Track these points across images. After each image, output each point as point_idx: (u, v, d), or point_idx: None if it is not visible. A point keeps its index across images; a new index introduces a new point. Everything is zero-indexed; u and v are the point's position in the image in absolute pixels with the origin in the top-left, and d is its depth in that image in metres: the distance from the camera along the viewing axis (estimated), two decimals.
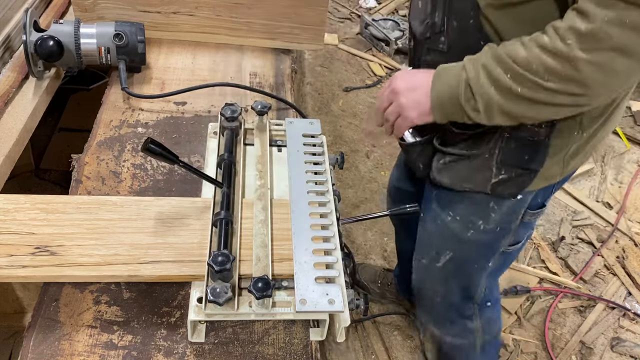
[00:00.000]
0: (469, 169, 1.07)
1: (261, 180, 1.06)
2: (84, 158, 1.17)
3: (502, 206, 1.10)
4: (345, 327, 0.87)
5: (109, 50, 1.31)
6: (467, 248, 1.19)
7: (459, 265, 1.23)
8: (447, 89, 0.92)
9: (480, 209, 1.12)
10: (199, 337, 0.89)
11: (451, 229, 1.18)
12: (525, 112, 0.87)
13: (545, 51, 0.80)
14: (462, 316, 1.37)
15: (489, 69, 0.86)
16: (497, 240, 1.18)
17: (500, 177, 1.05)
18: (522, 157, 1.02)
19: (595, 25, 0.74)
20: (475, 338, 1.43)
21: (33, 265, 0.87)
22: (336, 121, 2.86)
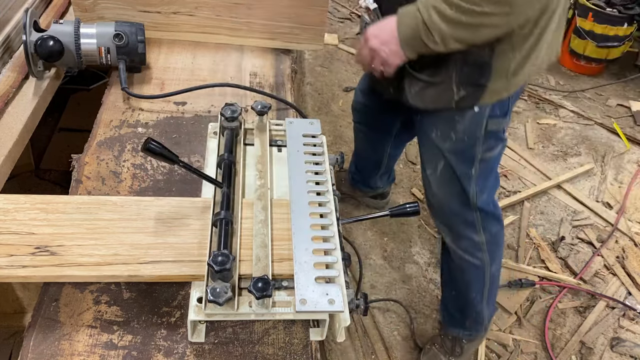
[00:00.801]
0: (436, 92, 1.34)
1: (261, 180, 1.06)
2: (84, 158, 1.17)
3: (465, 118, 1.37)
4: (345, 327, 0.87)
5: (109, 50, 1.31)
6: (449, 157, 1.45)
7: (449, 172, 1.48)
8: (410, 30, 1.18)
9: (450, 124, 1.40)
10: (199, 337, 0.89)
11: (436, 143, 1.45)
12: (470, 36, 1.14)
13: None
14: (466, 224, 1.56)
15: (437, 8, 1.11)
16: (470, 147, 1.42)
17: (460, 95, 1.32)
18: (474, 76, 1.29)
19: None
20: (483, 261, 1.63)
21: (33, 265, 0.87)
22: (336, 121, 2.86)
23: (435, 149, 1.46)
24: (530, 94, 3.27)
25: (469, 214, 1.54)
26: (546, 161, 2.83)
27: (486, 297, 1.71)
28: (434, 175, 1.52)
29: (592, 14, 3.18)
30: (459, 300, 1.76)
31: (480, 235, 1.58)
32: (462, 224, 1.57)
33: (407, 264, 2.24)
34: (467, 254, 1.62)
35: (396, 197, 2.51)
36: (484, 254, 1.61)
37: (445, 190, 1.53)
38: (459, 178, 1.47)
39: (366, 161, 2.18)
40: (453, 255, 1.66)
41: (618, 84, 3.43)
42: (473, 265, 1.63)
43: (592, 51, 3.30)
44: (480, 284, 1.68)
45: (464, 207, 1.53)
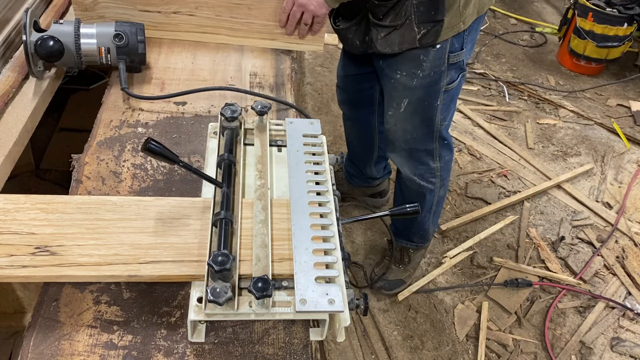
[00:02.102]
0: (400, 35, 1.48)
1: (261, 180, 1.06)
2: (84, 158, 1.17)
3: (429, 55, 1.52)
4: (345, 327, 0.87)
5: (109, 50, 1.31)
6: (417, 92, 1.61)
7: (415, 106, 1.64)
8: None
9: (415, 62, 1.54)
10: (199, 337, 0.89)
11: (402, 82, 1.60)
12: None
13: None
14: (426, 152, 1.77)
15: None
16: (436, 81, 1.58)
17: (421, 33, 1.46)
18: (430, 14, 1.43)
19: None
20: (435, 185, 1.85)
21: (33, 265, 0.87)
22: (336, 121, 2.86)
23: (402, 88, 1.61)
24: (530, 94, 3.27)
25: (429, 143, 1.74)
26: (546, 161, 2.83)
27: (432, 216, 1.98)
28: (397, 112, 1.68)
29: (592, 14, 3.18)
30: (408, 220, 2.01)
31: (436, 162, 1.80)
32: (422, 152, 1.77)
33: None
34: (423, 180, 1.83)
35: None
36: (436, 179, 1.84)
37: (411, 122, 1.69)
38: (426, 109, 1.64)
39: (359, 148, 2.26)
40: (408, 182, 1.87)
41: (618, 84, 3.43)
42: (427, 189, 1.85)
43: (592, 51, 3.30)
44: (429, 205, 1.92)
45: (427, 137, 1.72)
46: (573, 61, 3.47)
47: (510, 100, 3.21)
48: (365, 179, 2.34)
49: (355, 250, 2.26)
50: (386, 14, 1.45)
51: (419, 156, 1.78)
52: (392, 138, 1.79)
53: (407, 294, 2.11)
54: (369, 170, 2.29)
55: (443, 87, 1.60)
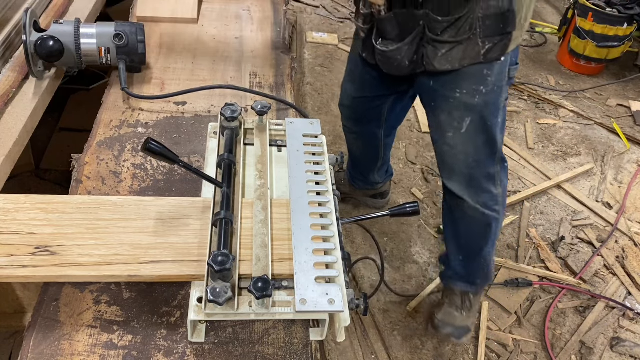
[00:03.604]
0: (462, 51, 1.38)
1: (261, 180, 1.06)
2: (84, 158, 1.17)
3: (494, 69, 1.43)
4: (345, 327, 0.87)
5: (109, 51, 1.31)
6: (480, 110, 1.48)
7: (478, 125, 1.52)
8: None
9: (479, 78, 1.43)
10: (199, 337, 0.89)
11: (463, 101, 1.47)
12: None
13: None
14: (489, 177, 1.63)
15: None
16: (497, 97, 1.49)
17: (487, 47, 1.37)
18: (498, 27, 1.35)
19: None
20: (499, 214, 1.70)
21: (33, 265, 0.87)
22: (336, 121, 2.86)
23: (463, 107, 1.49)
24: (530, 93, 3.27)
25: (492, 167, 1.62)
26: (546, 161, 2.83)
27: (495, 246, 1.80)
28: (458, 133, 1.54)
29: (592, 14, 3.18)
30: (470, 255, 1.81)
31: (498, 188, 1.66)
32: (484, 177, 1.63)
33: (407, 264, 2.24)
34: (487, 209, 1.67)
35: (396, 197, 2.51)
36: (500, 206, 1.69)
37: (474, 144, 1.57)
38: (489, 128, 1.53)
39: (363, 158, 2.20)
40: (471, 212, 1.69)
41: (618, 84, 3.43)
42: (492, 217, 1.69)
43: (592, 51, 3.30)
44: (494, 236, 1.76)
45: (489, 159, 1.60)
46: (573, 61, 3.47)
47: (510, 101, 3.21)
48: (369, 183, 2.32)
49: (355, 250, 2.26)
50: (446, 29, 1.35)
51: (480, 182, 1.64)
52: (450, 162, 1.64)
53: (419, 300, 2.10)
54: (372, 176, 2.26)
55: (502, 102, 1.52)
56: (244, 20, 1.68)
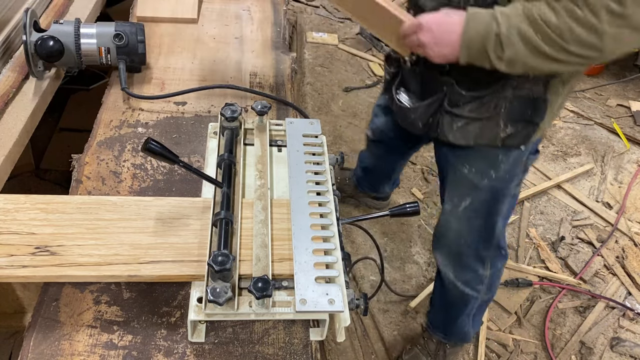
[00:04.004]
0: (480, 128, 1.24)
1: (261, 180, 1.06)
2: (84, 158, 1.17)
3: (510, 157, 1.29)
4: (345, 327, 0.87)
5: (109, 51, 1.31)
6: (484, 194, 1.37)
7: (477, 209, 1.40)
8: (478, 38, 1.03)
9: (491, 161, 1.31)
10: (199, 337, 0.89)
11: (469, 179, 1.36)
12: (542, 65, 1.03)
13: (577, 22, 0.95)
14: (478, 258, 1.51)
15: (521, 29, 1.00)
16: (507, 185, 1.36)
17: (508, 132, 1.23)
18: (526, 113, 1.20)
19: (627, 10, 0.92)
20: (480, 292, 1.58)
21: (33, 265, 0.87)
22: (336, 121, 2.86)
23: (467, 185, 1.37)
24: None
25: (484, 250, 1.49)
26: (546, 161, 2.83)
27: (471, 319, 1.70)
28: (456, 209, 1.43)
29: None
30: (447, 319, 1.74)
31: (486, 270, 1.53)
32: (473, 258, 1.51)
33: (407, 264, 2.24)
34: (467, 287, 1.56)
35: (396, 197, 2.51)
36: (483, 286, 1.57)
37: (468, 225, 1.45)
38: (490, 215, 1.41)
39: (375, 172, 2.15)
40: (449, 285, 1.59)
41: (618, 84, 3.43)
42: (469, 296, 1.58)
43: None
44: (469, 310, 1.65)
45: (483, 243, 1.47)
46: None
47: None
48: (375, 191, 2.29)
49: (355, 250, 2.26)
50: (468, 102, 1.22)
51: (468, 261, 1.52)
52: (440, 235, 1.54)
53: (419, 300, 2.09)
54: (381, 187, 2.24)
55: (512, 190, 1.39)
56: (244, 20, 1.68)
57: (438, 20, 1.07)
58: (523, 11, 1.00)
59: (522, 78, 1.14)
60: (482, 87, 1.17)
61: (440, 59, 1.09)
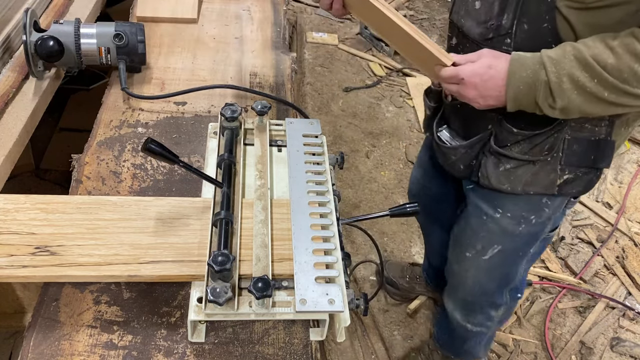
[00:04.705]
0: (532, 173, 1.08)
1: (261, 180, 1.06)
2: (84, 158, 1.17)
3: (555, 201, 1.14)
4: (345, 327, 0.87)
5: (109, 50, 1.31)
6: (517, 241, 1.23)
7: (506, 257, 1.27)
8: (525, 87, 0.92)
9: (534, 206, 1.15)
10: (199, 337, 0.89)
11: (501, 225, 1.20)
12: (602, 111, 0.92)
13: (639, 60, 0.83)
14: (492, 305, 1.40)
15: (573, 76, 0.87)
16: (544, 229, 1.23)
17: (565, 178, 1.07)
18: (588, 157, 1.05)
19: None
20: (490, 328, 1.49)
21: (33, 265, 0.87)
22: (336, 121, 2.86)
23: (497, 231, 1.22)
24: None
25: (499, 296, 1.38)
26: None
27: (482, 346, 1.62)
28: (479, 258, 1.29)
29: None
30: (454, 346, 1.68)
31: (499, 311, 1.43)
32: (488, 305, 1.40)
33: None
34: (477, 327, 1.46)
35: (396, 197, 2.51)
36: (494, 322, 1.47)
37: (488, 275, 1.32)
38: (516, 261, 1.28)
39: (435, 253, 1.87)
40: (457, 325, 1.49)
41: None
42: (478, 333, 1.49)
43: None
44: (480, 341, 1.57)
45: (500, 289, 1.36)
46: None
47: None
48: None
49: (355, 250, 2.26)
50: (519, 142, 1.06)
51: (482, 308, 1.41)
52: (454, 283, 1.42)
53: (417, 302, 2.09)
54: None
55: (545, 233, 1.25)
56: (244, 20, 1.68)
57: (481, 74, 0.94)
58: (573, 54, 0.87)
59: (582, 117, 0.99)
60: (535, 125, 1.01)
61: (487, 107, 0.98)
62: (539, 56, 0.90)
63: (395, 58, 3.36)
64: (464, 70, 0.95)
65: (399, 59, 3.36)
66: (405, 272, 2.07)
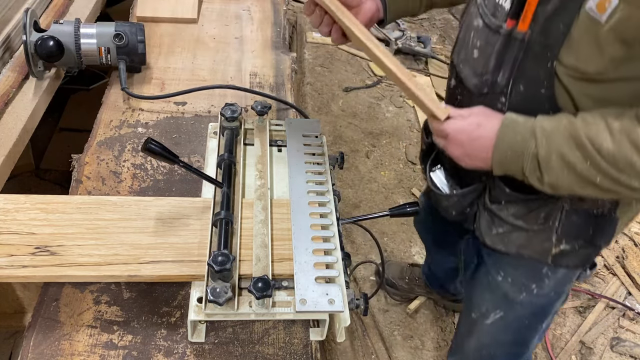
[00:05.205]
0: (526, 238, 1.01)
1: (261, 180, 1.06)
2: (84, 158, 1.17)
3: (557, 273, 1.06)
4: (345, 327, 0.87)
5: (109, 50, 1.31)
6: (519, 310, 1.15)
7: (509, 325, 1.19)
8: (513, 154, 0.83)
9: (534, 274, 1.07)
10: (199, 337, 0.89)
11: (502, 289, 1.13)
12: (596, 195, 0.82)
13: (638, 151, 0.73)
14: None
15: (564, 154, 0.78)
16: (551, 303, 1.14)
17: (561, 248, 0.99)
18: (586, 231, 0.96)
19: None
20: None
21: (33, 265, 0.87)
22: (336, 121, 2.86)
23: (500, 296, 1.15)
24: None
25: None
26: None
27: None
28: (480, 321, 1.22)
29: None
30: None
31: None
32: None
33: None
34: None
35: (396, 197, 2.51)
36: None
37: (493, 340, 1.25)
38: (523, 332, 1.20)
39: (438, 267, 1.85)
40: None
41: None
42: None
43: None
44: None
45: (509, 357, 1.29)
46: None
47: None
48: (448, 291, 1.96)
49: (355, 250, 2.26)
50: (513, 203, 0.99)
51: None
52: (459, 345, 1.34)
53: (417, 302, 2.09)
54: (452, 287, 1.91)
55: (557, 307, 1.16)
56: (244, 20, 1.68)
57: (468, 133, 0.87)
58: (569, 130, 0.78)
59: None
60: (530, 188, 0.89)
61: (473, 167, 0.91)
62: (531, 124, 0.82)
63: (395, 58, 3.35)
64: (451, 125, 0.88)
65: (399, 59, 3.35)
66: (405, 273, 2.07)
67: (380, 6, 1.05)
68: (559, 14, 0.79)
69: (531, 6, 0.82)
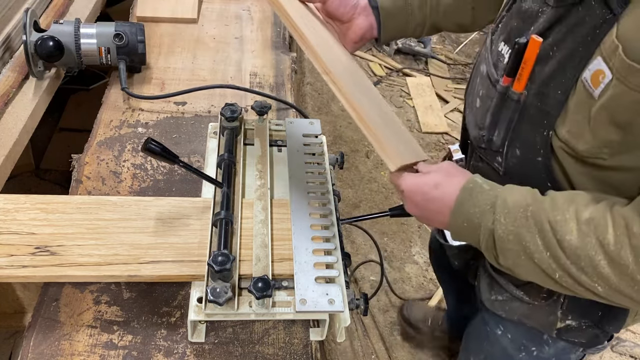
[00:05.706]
0: (528, 309, 0.92)
1: (261, 180, 1.06)
2: (84, 158, 1.17)
3: (558, 344, 0.95)
4: (345, 327, 0.87)
5: (109, 50, 1.31)
6: None
7: None
8: (469, 226, 0.73)
9: (534, 338, 0.97)
10: (199, 337, 0.89)
11: (501, 344, 1.04)
12: (560, 290, 0.71)
13: (604, 254, 0.62)
14: None
15: (522, 238, 0.67)
16: None
17: (567, 323, 0.89)
18: (594, 312, 0.86)
19: None
20: None
21: (33, 265, 0.87)
22: (336, 121, 2.86)
23: (495, 349, 1.07)
24: None
25: None
26: None
27: None
28: None
29: None
30: None
31: None
32: None
33: (407, 264, 2.24)
34: None
35: (396, 197, 2.51)
36: None
37: None
38: None
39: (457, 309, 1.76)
40: None
41: None
42: None
43: None
44: None
45: None
46: None
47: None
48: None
49: (355, 250, 2.26)
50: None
51: None
52: None
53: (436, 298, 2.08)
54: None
55: None
56: (244, 20, 1.68)
57: (424, 192, 0.77)
58: (532, 210, 0.67)
59: None
60: None
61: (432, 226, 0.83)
62: (494, 194, 0.71)
63: (395, 58, 3.36)
64: (406, 181, 0.79)
65: (399, 59, 3.36)
66: (428, 315, 1.94)
67: (375, 24, 0.96)
68: (556, 77, 0.70)
69: (527, 65, 0.72)
